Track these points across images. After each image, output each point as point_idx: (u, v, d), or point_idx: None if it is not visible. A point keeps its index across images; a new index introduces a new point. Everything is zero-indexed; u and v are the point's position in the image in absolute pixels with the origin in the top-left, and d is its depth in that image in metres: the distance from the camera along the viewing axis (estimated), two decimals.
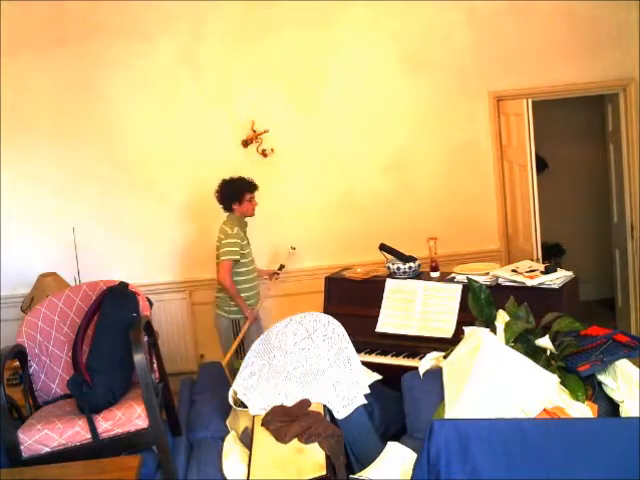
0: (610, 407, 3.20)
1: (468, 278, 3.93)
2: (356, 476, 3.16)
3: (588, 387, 3.21)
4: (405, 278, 4.39)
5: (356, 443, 3.49)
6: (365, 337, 4.19)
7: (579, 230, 6.98)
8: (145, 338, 3.44)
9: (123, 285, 3.75)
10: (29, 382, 3.53)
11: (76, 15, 5.34)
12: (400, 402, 3.59)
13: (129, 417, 3.26)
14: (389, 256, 4.58)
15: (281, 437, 3.31)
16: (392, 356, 4.13)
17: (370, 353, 4.18)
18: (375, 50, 5.50)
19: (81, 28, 5.36)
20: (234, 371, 4.00)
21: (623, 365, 3.20)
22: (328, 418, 3.48)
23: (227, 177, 4.83)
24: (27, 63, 5.37)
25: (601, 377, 3.24)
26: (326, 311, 4.20)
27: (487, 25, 5.48)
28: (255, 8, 5.38)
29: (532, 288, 3.94)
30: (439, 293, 4.21)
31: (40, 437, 3.19)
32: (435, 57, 5.50)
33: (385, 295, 4.34)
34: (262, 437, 3.37)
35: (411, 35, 5.48)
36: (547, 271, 4.05)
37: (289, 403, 3.54)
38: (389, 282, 4.37)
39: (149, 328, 3.61)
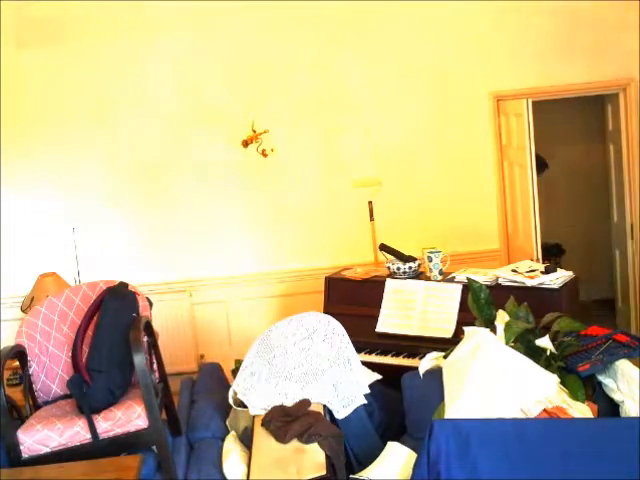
0: (610, 407, 3.20)
1: (468, 278, 3.92)
2: (356, 476, 3.16)
3: (588, 387, 3.21)
4: (405, 278, 4.39)
5: (356, 443, 3.49)
6: (365, 337, 4.18)
7: (579, 230, 6.98)
8: (145, 338, 3.44)
9: (123, 285, 3.75)
10: (29, 382, 3.53)
11: (76, 15, 5.34)
12: (400, 402, 3.59)
13: (129, 417, 3.26)
14: (389, 256, 4.58)
15: (281, 437, 3.30)
16: (392, 356, 4.12)
17: (370, 353, 4.17)
18: (375, 50, 5.50)
19: (81, 28, 5.36)
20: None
21: (623, 365, 3.20)
22: (328, 418, 3.48)
23: None
24: (27, 63, 5.37)
25: (601, 377, 3.24)
26: (326, 311, 4.20)
27: (487, 25, 5.48)
28: (256, 9, 5.38)
29: (532, 288, 3.94)
30: (439, 293, 4.21)
31: (40, 437, 3.19)
32: (435, 57, 5.50)
33: (385, 295, 4.33)
34: (262, 437, 3.37)
35: (411, 35, 5.48)
36: (547, 271, 4.04)
37: (289, 403, 3.54)
38: (389, 282, 4.37)
39: (149, 328, 3.61)
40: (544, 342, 3.34)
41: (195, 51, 5.44)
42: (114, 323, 3.50)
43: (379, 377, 3.75)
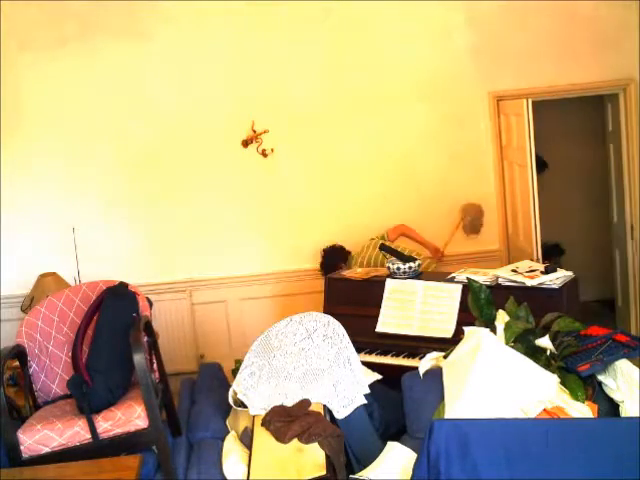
0: (610, 407, 3.20)
1: (468, 278, 3.92)
2: (356, 476, 3.16)
3: (588, 387, 3.21)
4: (405, 278, 4.39)
5: (356, 443, 3.49)
6: (365, 337, 4.18)
7: (579, 230, 6.98)
8: (145, 338, 3.45)
9: (123, 285, 3.75)
10: (29, 382, 3.53)
11: (76, 15, 5.34)
12: (400, 402, 3.59)
13: (129, 417, 3.26)
14: (389, 256, 4.58)
15: (281, 437, 3.31)
16: (392, 356, 4.12)
17: (370, 353, 4.17)
18: (375, 50, 5.49)
19: (81, 28, 5.36)
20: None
21: (623, 365, 3.20)
22: (328, 418, 3.48)
23: None
24: (27, 63, 5.37)
25: (601, 377, 3.24)
26: (326, 311, 4.20)
27: (487, 25, 5.48)
28: (257, 8, 5.38)
29: (532, 288, 3.93)
30: (439, 293, 4.20)
31: (40, 437, 3.19)
32: (435, 57, 5.50)
33: (385, 295, 4.33)
34: (262, 437, 3.37)
35: (410, 35, 5.48)
36: (547, 271, 4.04)
37: (289, 403, 3.54)
38: (389, 282, 4.37)
39: (149, 328, 3.62)
40: (544, 342, 3.34)
41: (195, 51, 5.44)
42: (114, 323, 3.50)
43: (379, 377, 3.75)
